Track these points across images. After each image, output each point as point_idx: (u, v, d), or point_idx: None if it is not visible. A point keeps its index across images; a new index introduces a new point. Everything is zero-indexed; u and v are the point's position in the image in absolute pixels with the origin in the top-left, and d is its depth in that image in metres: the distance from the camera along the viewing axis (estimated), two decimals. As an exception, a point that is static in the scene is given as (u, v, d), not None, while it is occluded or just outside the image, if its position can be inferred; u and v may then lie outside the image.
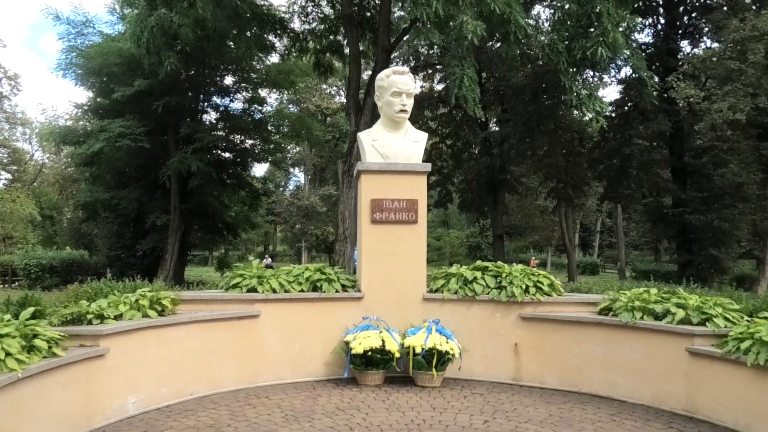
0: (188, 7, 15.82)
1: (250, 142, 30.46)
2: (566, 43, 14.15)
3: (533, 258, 47.60)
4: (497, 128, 28.79)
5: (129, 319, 5.59)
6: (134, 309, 5.74)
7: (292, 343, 6.76)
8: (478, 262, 7.43)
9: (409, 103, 7.12)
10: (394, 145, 7.16)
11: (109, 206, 27.64)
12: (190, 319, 6.05)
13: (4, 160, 53.11)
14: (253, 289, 6.70)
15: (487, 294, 6.97)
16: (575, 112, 27.48)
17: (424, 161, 7.33)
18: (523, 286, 6.87)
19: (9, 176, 54.43)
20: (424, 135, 7.45)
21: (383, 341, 6.40)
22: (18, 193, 48.31)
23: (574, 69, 14.43)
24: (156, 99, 22.40)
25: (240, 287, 6.73)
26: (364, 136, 7.28)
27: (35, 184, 55.80)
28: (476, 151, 28.69)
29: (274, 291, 6.74)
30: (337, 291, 6.97)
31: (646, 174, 20.47)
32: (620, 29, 13.61)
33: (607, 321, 6.28)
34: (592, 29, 13.78)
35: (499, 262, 7.42)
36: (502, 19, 13.50)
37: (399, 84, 7.01)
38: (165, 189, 25.95)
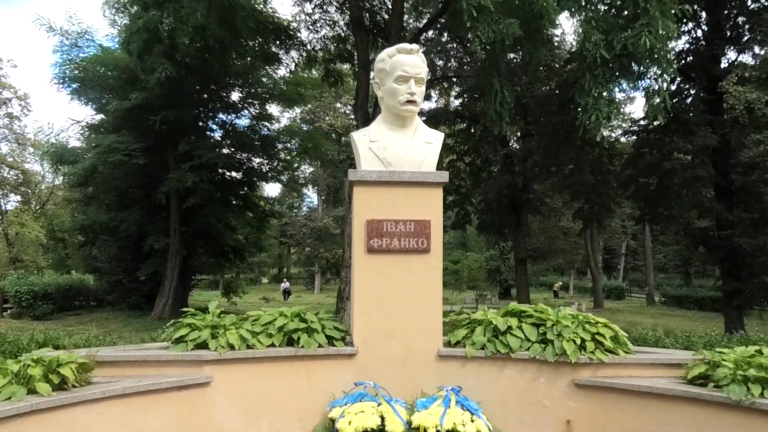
0: (180, 9, 14.33)
1: (257, 160, 29.08)
2: (603, 36, 12.34)
3: (557, 282, 45.42)
4: (519, 144, 26.97)
5: (5, 400, 3.77)
6: (17, 383, 3.93)
7: (256, 420, 4.89)
8: (512, 305, 5.53)
9: (420, 92, 5.31)
10: (398, 148, 5.34)
11: (108, 229, 26.32)
12: (104, 393, 4.21)
13: (15, 182, 52.24)
14: (204, 345, 4.87)
15: (527, 350, 5.07)
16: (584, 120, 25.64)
17: (439, 169, 5.45)
18: (578, 341, 4.95)
19: (19, 198, 53.62)
20: (440, 135, 5.61)
21: (382, 419, 4.49)
22: (26, 216, 47.32)
23: (607, 69, 12.53)
24: (155, 114, 21.01)
25: (185, 342, 4.89)
26: (359, 137, 5.47)
27: (47, 206, 54.96)
28: (496, 169, 26.88)
29: (233, 347, 4.88)
30: (320, 345, 5.11)
31: (689, 192, 18.40)
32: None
33: (706, 396, 4.33)
34: (634, 25, 11.98)
35: (541, 305, 5.52)
36: (533, 14, 11.83)
37: (406, 66, 5.21)
38: (167, 210, 24.54)
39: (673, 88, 18.74)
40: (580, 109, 12.68)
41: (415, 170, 5.28)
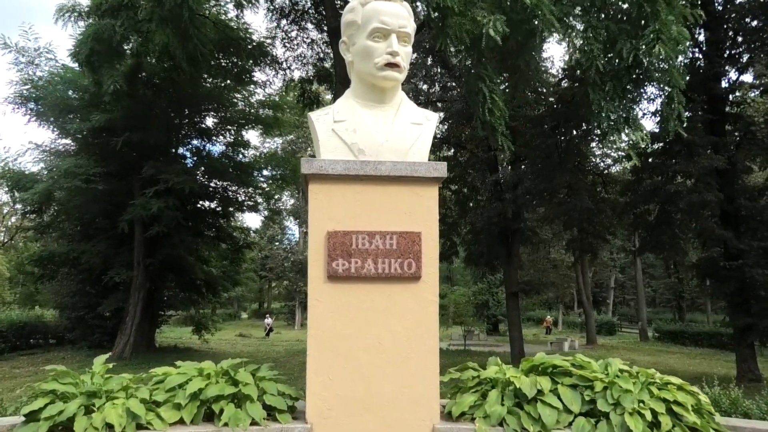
0: (134, 17, 12.83)
1: (233, 189, 27.43)
2: (606, 45, 10.96)
3: (548, 317, 43.79)
4: (509, 170, 25.58)
5: None
6: None
7: None
8: (539, 357, 3.84)
9: (405, 54, 3.71)
10: (375, 131, 3.70)
11: (68, 261, 24.35)
12: None
13: (-22, 213, 49.97)
14: (68, 427, 3.10)
15: (568, 427, 3.37)
16: (599, 146, 24.24)
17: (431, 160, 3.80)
18: (646, 413, 3.27)
19: (-15, 230, 51.30)
20: (432, 116, 3.98)
21: None
22: (-14, 250, 45.20)
23: (609, 84, 11.10)
24: (119, 137, 19.36)
25: (38, 421, 3.12)
26: (318, 117, 3.82)
27: (17, 238, 52.62)
28: (484, 198, 25.39)
29: (111, 429, 3.12)
30: (254, 422, 3.36)
31: (693, 219, 16.97)
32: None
33: None
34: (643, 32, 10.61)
35: (580, 356, 3.83)
36: (526, 16, 10.44)
37: (384, 15, 3.61)
38: (133, 241, 22.70)
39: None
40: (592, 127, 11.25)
41: (399, 160, 3.64)
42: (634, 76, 11.45)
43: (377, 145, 3.66)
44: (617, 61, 10.58)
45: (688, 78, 18.31)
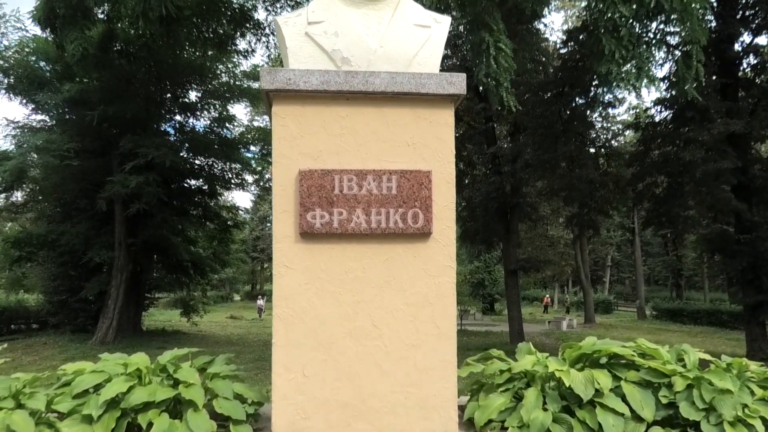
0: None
1: (219, 166, 26.31)
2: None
3: (546, 296, 43.09)
4: (508, 144, 24.58)
5: None
6: None
7: None
8: (588, 341, 2.83)
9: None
10: (364, 33, 2.66)
11: (47, 243, 23.26)
12: None
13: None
14: None
15: (640, 441, 2.40)
16: (602, 115, 23.29)
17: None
18: (756, 424, 2.28)
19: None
20: (444, 18, 2.91)
21: None
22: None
23: (625, 30, 10.02)
24: (94, 110, 18.17)
25: None
26: (288, 20, 2.75)
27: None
28: (482, 173, 24.46)
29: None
30: (197, 440, 2.36)
31: (705, 190, 16.02)
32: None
33: None
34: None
35: (642, 341, 2.83)
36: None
37: None
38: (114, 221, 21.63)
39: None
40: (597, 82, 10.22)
41: (398, 71, 2.60)
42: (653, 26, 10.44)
43: (368, 53, 2.62)
44: (635, 6, 9.50)
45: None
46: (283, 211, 2.52)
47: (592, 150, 22.02)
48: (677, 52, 13.00)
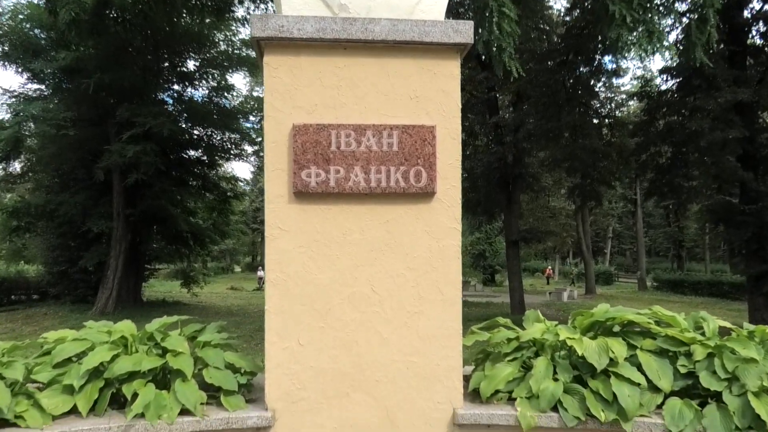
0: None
1: (218, 136, 26.05)
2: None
3: (548, 267, 43.10)
4: (510, 113, 24.27)
5: None
6: None
7: None
8: (601, 308, 2.67)
9: None
10: (363, -24, 2.44)
11: (45, 213, 23.13)
12: None
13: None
14: None
15: (658, 411, 2.26)
16: (605, 85, 22.98)
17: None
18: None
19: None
20: (449, -37, 2.69)
21: None
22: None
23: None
24: (90, 78, 17.88)
25: None
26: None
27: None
28: (483, 143, 24.20)
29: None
30: (184, 410, 2.22)
31: (713, 158, 15.77)
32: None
33: None
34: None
35: (657, 308, 2.68)
36: None
37: None
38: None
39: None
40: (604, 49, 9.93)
41: (400, 18, 2.40)
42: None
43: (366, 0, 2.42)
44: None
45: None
46: (276, 169, 2.34)
47: (596, 120, 21.79)
48: (685, 19, 12.67)
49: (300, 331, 2.33)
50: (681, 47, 11.38)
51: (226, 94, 25.72)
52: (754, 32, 17.15)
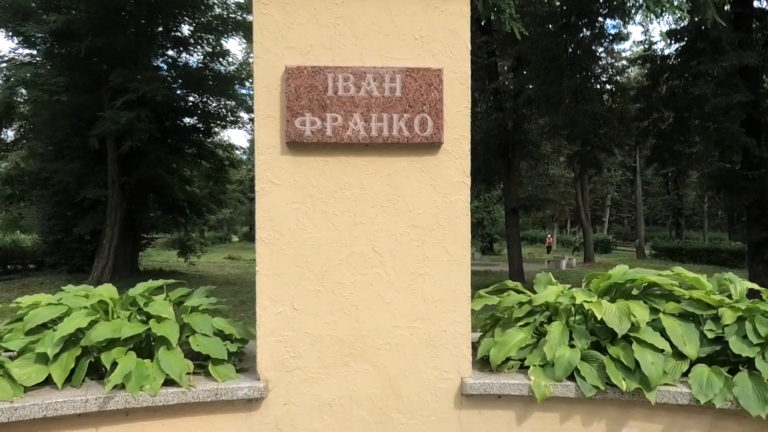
0: None
1: (214, 103, 25.65)
2: None
3: (549, 236, 43.07)
4: (510, 80, 23.86)
5: None
6: None
7: None
8: (619, 269, 2.48)
9: None
10: None
11: (39, 181, 22.90)
12: None
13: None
14: None
15: (683, 379, 2.09)
16: (607, 49, 22.56)
17: None
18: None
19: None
20: None
21: None
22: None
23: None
24: (82, 42, 17.45)
25: None
26: None
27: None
28: (483, 109, 23.82)
29: None
30: (171, 382, 2.04)
31: (716, 124, 15.51)
32: None
33: None
34: None
35: (679, 269, 2.48)
36: None
37: None
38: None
39: None
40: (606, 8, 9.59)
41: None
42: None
43: (367, -75, 2.16)
44: None
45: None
46: (267, 116, 2.12)
47: (598, 86, 21.49)
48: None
49: (294, 294, 2.13)
50: (690, 5, 11.05)
51: (221, 59, 25.24)
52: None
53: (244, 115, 27.28)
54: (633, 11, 9.21)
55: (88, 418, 1.98)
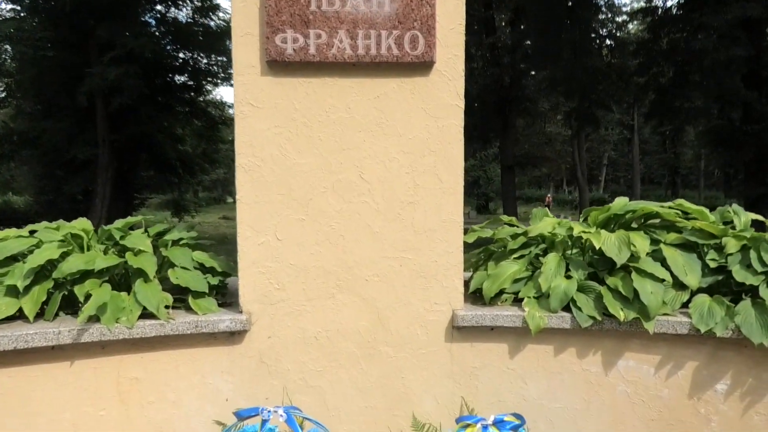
0: None
1: (205, 60, 25.15)
2: None
3: (549, 195, 43.04)
4: (507, 33, 23.43)
5: None
6: None
7: None
8: (619, 201, 2.38)
9: None
10: None
11: (28, 140, 22.60)
12: None
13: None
14: None
15: (684, 310, 2.01)
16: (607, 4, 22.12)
17: None
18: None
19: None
20: None
21: None
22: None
23: None
24: (66, -5, 16.96)
25: None
26: None
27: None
28: (479, 65, 23.44)
29: None
30: (148, 314, 1.94)
31: (717, 78, 15.26)
32: None
33: None
34: None
35: (682, 201, 2.39)
36: None
37: None
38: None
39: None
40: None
41: None
42: None
43: None
44: None
45: None
46: (245, 33, 1.97)
47: (597, 41, 21.15)
48: None
49: (277, 224, 2.02)
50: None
51: (211, 14, 24.67)
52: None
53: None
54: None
55: (63, 351, 1.89)
